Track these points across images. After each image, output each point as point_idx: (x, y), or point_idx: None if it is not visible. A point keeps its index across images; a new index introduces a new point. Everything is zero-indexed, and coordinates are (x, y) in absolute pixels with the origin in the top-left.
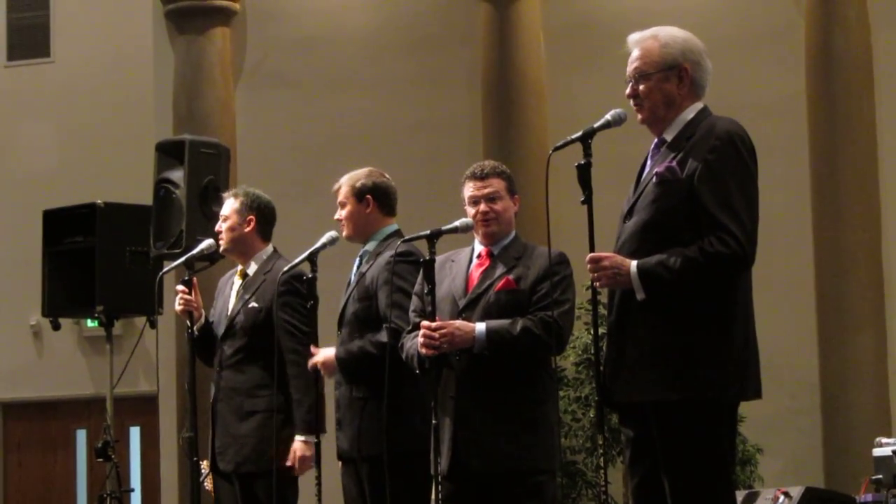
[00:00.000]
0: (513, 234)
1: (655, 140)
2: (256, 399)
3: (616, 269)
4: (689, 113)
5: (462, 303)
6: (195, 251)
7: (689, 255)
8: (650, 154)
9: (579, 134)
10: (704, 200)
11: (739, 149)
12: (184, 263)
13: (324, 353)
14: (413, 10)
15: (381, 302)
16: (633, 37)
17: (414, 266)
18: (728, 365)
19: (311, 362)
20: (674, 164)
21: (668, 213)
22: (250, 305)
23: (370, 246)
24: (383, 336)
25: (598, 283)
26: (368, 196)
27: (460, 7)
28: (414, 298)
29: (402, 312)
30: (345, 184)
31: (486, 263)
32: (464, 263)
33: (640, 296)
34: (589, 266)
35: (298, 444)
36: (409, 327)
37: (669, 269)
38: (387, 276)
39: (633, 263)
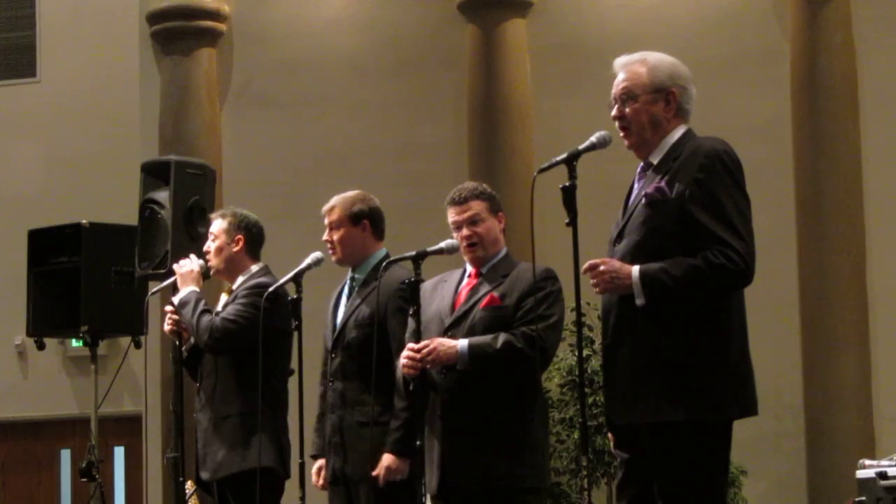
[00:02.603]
0: (502, 252)
1: (641, 164)
2: (229, 405)
3: (614, 273)
4: (674, 135)
5: (448, 321)
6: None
7: (693, 263)
8: (637, 178)
9: (564, 156)
10: (700, 218)
11: (728, 165)
12: (173, 284)
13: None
14: (399, 33)
15: (394, 330)
16: (621, 60)
17: None
18: (728, 384)
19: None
20: (662, 184)
21: (658, 234)
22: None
23: (360, 273)
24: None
25: (596, 290)
26: (365, 220)
27: (446, 29)
28: (409, 321)
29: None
30: (339, 206)
31: (474, 283)
32: (454, 284)
33: (639, 301)
34: (587, 273)
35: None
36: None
37: (672, 276)
38: (399, 304)
39: (636, 268)
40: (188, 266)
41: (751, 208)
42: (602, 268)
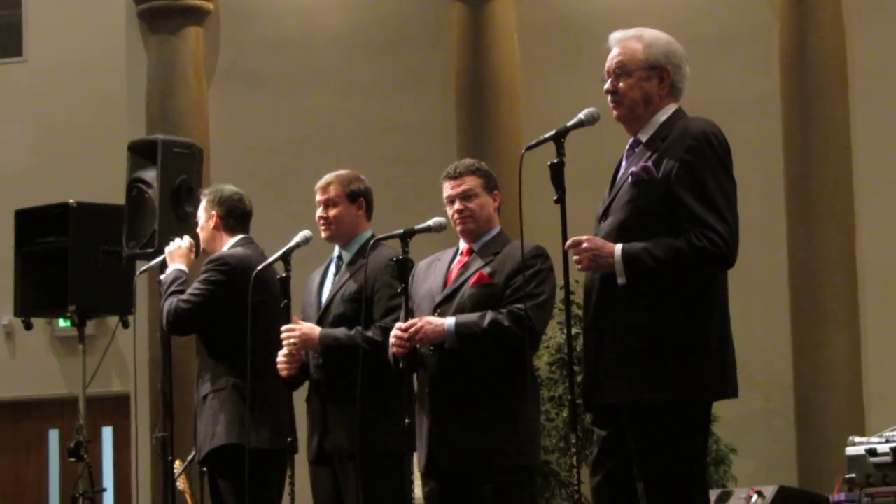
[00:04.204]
0: (495, 230)
1: (630, 140)
2: (203, 385)
3: (596, 251)
4: (664, 114)
5: (438, 299)
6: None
7: (676, 245)
8: (625, 154)
9: (552, 133)
10: (685, 200)
11: (716, 148)
12: (161, 263)
13: (307, 325)
14: (387, 11)
15: (379, 303)
16: (616, 35)
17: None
18: (707, 365)
19: (285, 329)
20: (649, 163)
21: (644, 213)
22: None
23: (347, 252)
24: (375, 334)
25: (579, 266)
26: (361, 199)
27: (434, 7)
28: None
29: (398, 315)
30: (336, 183)
31: (466, 260)
32: (447, 261)
33: (620, 280)
34: (570, 250)
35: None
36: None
37: (654, 257)
38: (386, 280)
39: (618, 247)
40: (176, 243)
41: (736, 191)
42: (585, 245)
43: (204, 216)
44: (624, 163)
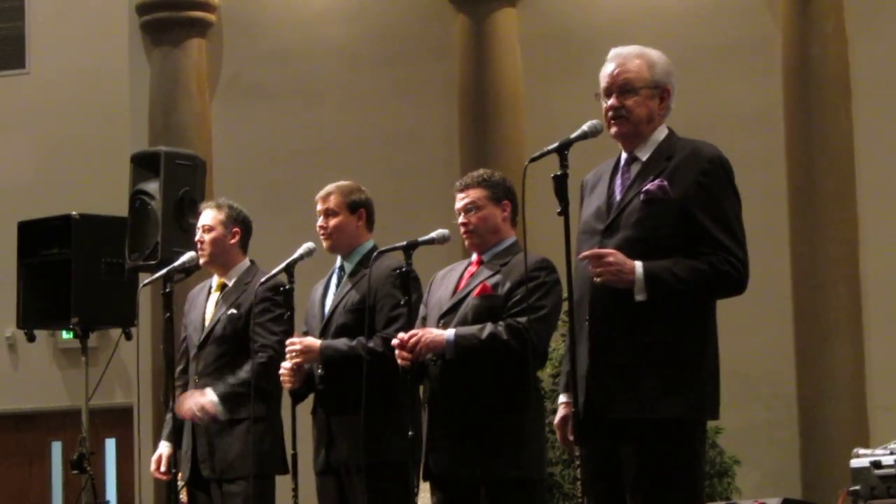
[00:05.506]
0: (508, 240)
1: (624, 156)
2: (238, 408)
3: (620, 266)
4: (660, 133)
5: (444, 309)
6: (177, 263)
7: (700, 267)
8: (620, 170)
9: (556, 145)
10: (705, 223)
11: (729, 172)
12: (164, 276)
13: (308, 338)
14: (389, 22)
15: (381, 313)
16: (617, 51)
17: (415, 281)
18: (709, 383)
19: (289, 343)
20: (664, 183)
21: (656, 232)
22: (230, 312)
23: (349, 262)
24: (377, 344)
25: (598, 279)
26: (362, 210)
27: (436, 19)
28: (421, 308)
29: (400, 326)
30: (336, 193)
31: (474, 270)
32: (459, 271)
33: (640, 297)
34: (590, 262)
35: (208, 400)
36: None
37: (677, 277)
38: (389, 290)
39: (639, 264)
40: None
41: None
42: (611, 259)
43: (222, 230)
44: (619, 180)
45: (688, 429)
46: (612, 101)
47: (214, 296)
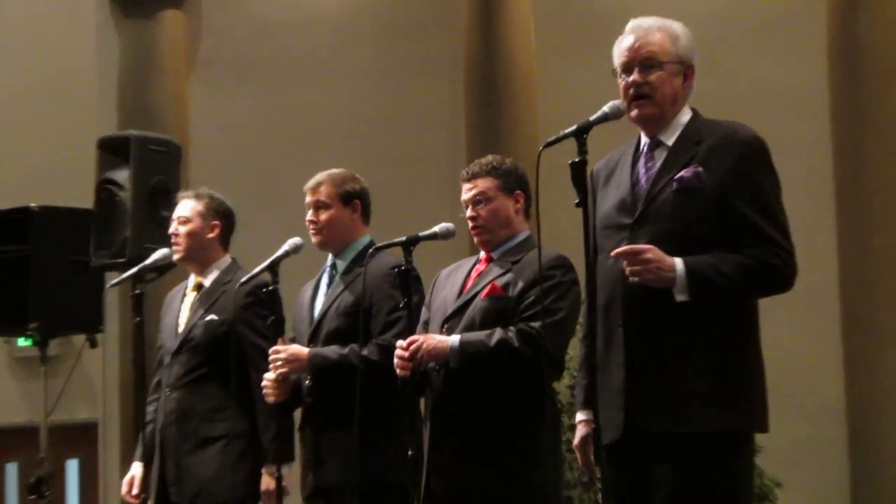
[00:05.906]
0: (521, 234)
1: (646, 141)
2: (215, 423)
3: (659, 263)
4: (684, 115)
5: (448, 312)
6: (149, 261)
7: (745, 262)
8: (643, 156)
9: (573, 128)
10: (747, 214)
11: (769, 156)
12: (134, 276)
13: (295, 346)
14: None
15: (377, 317)
16: (636, 22)
17: (416, 281)
18: (760, 391)
19: (273, 351)
20: (700, 169)
21: (692, 225)
22: (208, 318)
23: (342, 259)
24: (372, 352)
25: (635, 279)
26: (356, 201)
27: None
28: (422, 311)
29: (398, 331)
30: (327, 183)
31: (482, 269)
32: (466, 269)
33: (681, 297)
34: (625, 259)
35: (264, 477)
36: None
37: (722, 274)
38: (387, 291)
39: (679, 261)
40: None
41: None
42: (649, 255)
43: (200, 222)
44: (642, 168)
45: (735, 444)
46: (634, 77)
47: (190, 297)
